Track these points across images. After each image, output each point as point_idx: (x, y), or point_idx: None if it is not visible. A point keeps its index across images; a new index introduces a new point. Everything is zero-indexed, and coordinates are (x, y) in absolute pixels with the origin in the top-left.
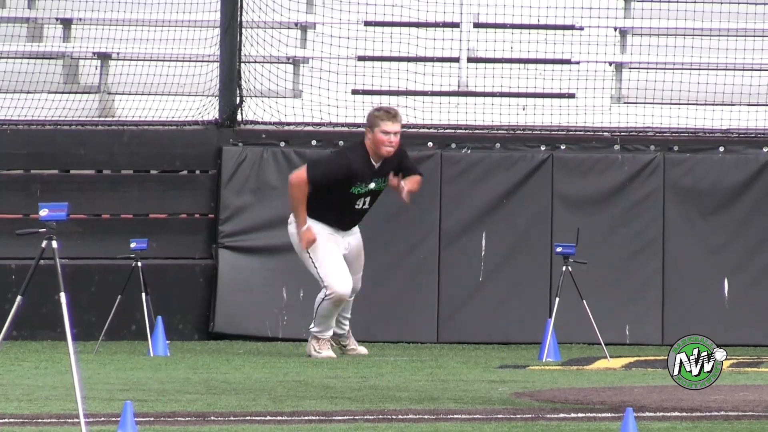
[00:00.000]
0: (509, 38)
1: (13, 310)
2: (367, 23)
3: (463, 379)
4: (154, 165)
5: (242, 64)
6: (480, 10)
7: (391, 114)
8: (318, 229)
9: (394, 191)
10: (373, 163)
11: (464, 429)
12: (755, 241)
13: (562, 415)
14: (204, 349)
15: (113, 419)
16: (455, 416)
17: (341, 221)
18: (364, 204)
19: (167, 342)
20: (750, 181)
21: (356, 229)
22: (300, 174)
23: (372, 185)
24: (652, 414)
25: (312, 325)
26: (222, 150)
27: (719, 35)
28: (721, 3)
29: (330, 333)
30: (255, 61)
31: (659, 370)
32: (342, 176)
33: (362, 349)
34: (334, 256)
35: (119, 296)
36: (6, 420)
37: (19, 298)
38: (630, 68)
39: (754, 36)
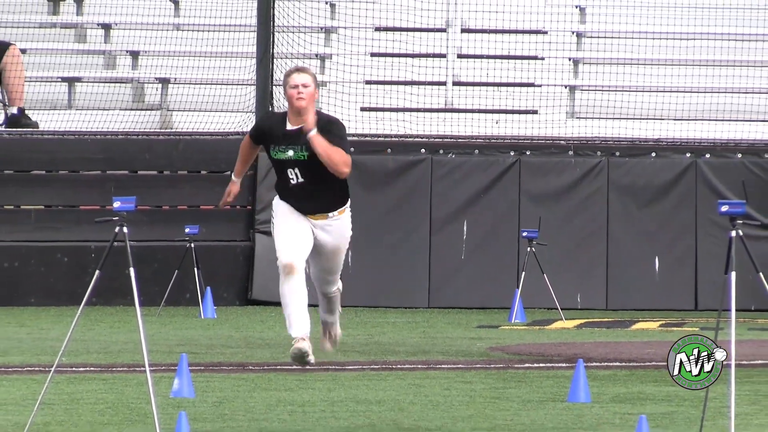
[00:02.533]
0: (486, 66)
1: (93, 282)
2: (373, 54)
3: (449, 336)
4: (204, 167)
5: (273, 87)
6: (462, 44)
7: (297, 68)
8: (281, 202)
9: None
10: (288, 125)
11: (449, 376)
12: (680, 228)
13: (527, 365)
14: (244, 313)
15: (172, 368)
16: (442, 366)
17: (293, 199)
18: (297, 178)
19: (214, 307)
20: (676, 180)
21: (336, 227)
22: None
23: (290, 153)
24: (597, 364)
25: None
26: (258, 155)
27: (652, 64)
28: (654, 38)
29: (294, 331)
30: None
31: (604, 329)
32: (254, 131)
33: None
34: (287, 225)
35: (176, 271)
36: (88, 368)
37: (97, 272)
38: (581, 90)
39: (680, 64)
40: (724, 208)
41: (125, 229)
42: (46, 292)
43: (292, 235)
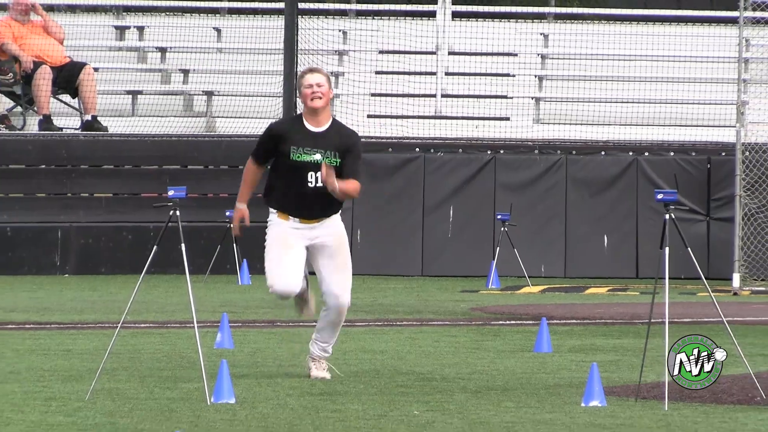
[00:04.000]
0: (468, 81)
1: (151, 255)
2: (377, 72)
3: (438, 299)
4: (241, 163)
5: (296, 99)
6: (449, 64)
7: (310, 68)
8: (277, 222)
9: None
10: (309, 127)
11: (438, 331)
12: (624, 212)
13: (501, 322)
14: None
15: (215, 324)
16: (432, 323)
17: (300, 205)
18: (317, 181)
19: (249, 275)
20: (621, 174)
21: (331, 222)
22: None
23: (317, 156)
24: (557, 321)
25: None
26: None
27: (602, 80)
28: (603, 59)
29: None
30: None
31: (562, 293)
32: (271, 135)
33: (324, 374)
34: (279, 252)
35: (219, 246)
36: (147, 325)
37: (155, 247)
38: (544, 101)
39: (625, 80)
40: (660, 196)
41: (177, 213)
42: (114, 263)
43: (286, 262)
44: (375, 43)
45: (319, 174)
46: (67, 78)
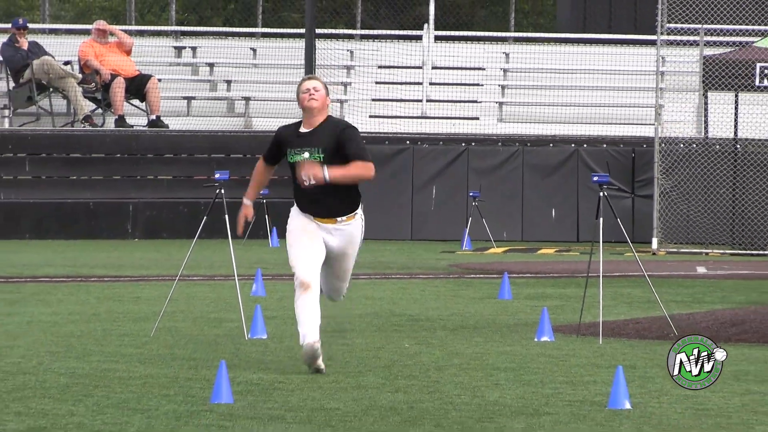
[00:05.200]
0: (447, 89)
1: (201, 224)
2: (377, 82)
3: (423, 257)
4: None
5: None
6: (432, 77)
7: (308, 76)
8: (294, 215)
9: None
10: (302, 128)
11: (424, 282)
12: (568, 191)
13: (472, 276)
14: None
15: (251, 277)
16: (419, 276)
17: (309, 203)
18: (309, 180)
19: (278, 239)
20: (565, 162)
21: (345, 232)
22: None
23: (305, 155)
24: (516, 275)
25: None
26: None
27: (550, 88)
28: (551, 73)
29: (307, 339)
30: None
31: (520, 253)
32: (273, 141)
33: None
34: (300, 242)
35: (254, 216)
36: (198, 278)
37: (205, 218)
38: (506, 105)
39: (567, 88)
40: (595, 178)
41: (222, 191)
42: (173, 230)
43: (308, 251)
44: (375, 60)
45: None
46: (137, 86)
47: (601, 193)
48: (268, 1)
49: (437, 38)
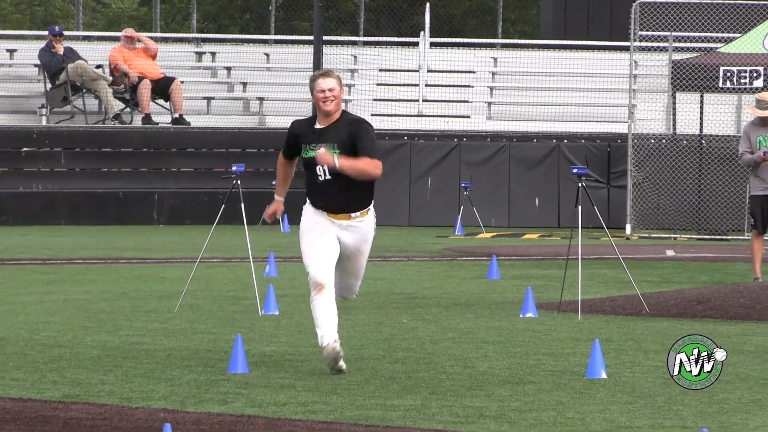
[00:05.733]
0: (441, 90)
1: (220, 211)
2: (378, 84)
3: (419, 242)
4: (279, 146)
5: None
6: (428, 79)
7: (323, 72)
8: (308, 212)
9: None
10: (317, 125)
11: (420, 264)
12: (550, 181)
13: (464, 258)
14: None
15: (264, 259)
16: (416, 258)
17: (321, 199)
18: (324, 174)
19: (289, 226)
20: (547, 155)
21: (359, 229)
22: None
23: (321, 150)
24: (503, 257)
25: None
26: None
27: (535, 89)
28: (534, 76)
29: (326, 340)
30: None
31: (506, 238)
32: (288, 136)
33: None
34: (314, 241)
35: (267, 205)
36: (217, 260)
37: (223, 206)
38: (494, 105)
39: (549, 90)
40: (574, 170)
41: (238, 182)
42: (194, 217)
43: (321, 250)
44: (376, 64)
45: (326, 167)
46: (162, 88)
47: (580, 184)
48: (280, 11)
49: (432, 44)
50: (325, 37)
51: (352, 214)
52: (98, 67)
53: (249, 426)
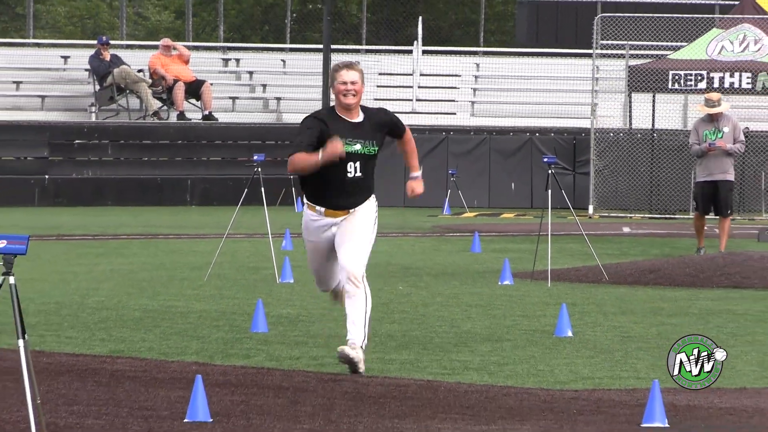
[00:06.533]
0: (431, 92)
1: (243, 194)
2: (378, 86)
3: (414, 220)
4: (293, 138)
5: (330, 101)
6: (420, 82)
7: (347, 64)
8: (305, 224)
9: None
10: (346, 118)
11: (413, 239)
12: (524, 168)
13: (450, 234)
14: None
15: (281, 235)
16: (410, 234)
17: (330, 197)
18: (355, 171)
19: (302, 206)
20: (522, 147)
21: (359, 209)
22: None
23: (358, 147)
24: (485, 233)
25: None
26: None
27: (511, 90)
28: (510, 79)
29: (357, 341)
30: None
31: (487, 217)
32: (313, 124)
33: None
34: (315, 260)
35: (284, 189)
36: (240, 235)
37: (246, 190)
38: (477, 104)
39: (522, 90)
40: (545, 159)
41: (259, 169)
42: (221, 199)
43: (318, 269)
44: (376, 69)
45: (358, 164)
46: (194, 89)
47: (550, 171)
48: (295, 24)
49: (424, 52)
50: (332, 46)
51: (351, 210)
52: (139, 71)
53: (268, 377)
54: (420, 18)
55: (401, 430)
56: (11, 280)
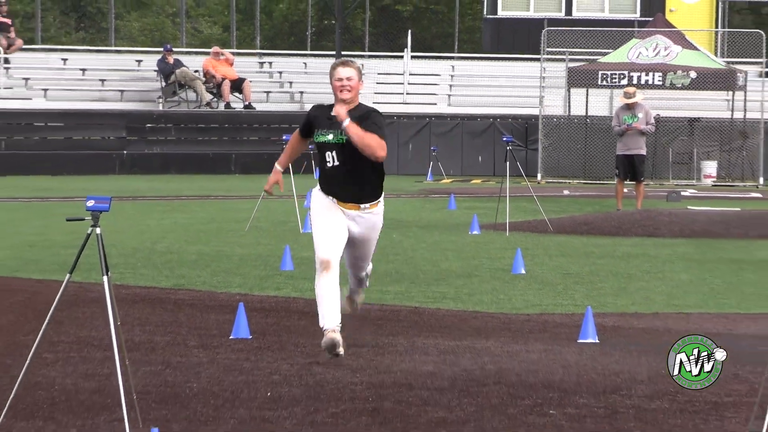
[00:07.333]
0: (418, 89)
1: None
2: (377, 83)
3: (404, 185)
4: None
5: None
6: (410, 80)
7: (342, 61)
8: (317, 196)
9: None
10: (333, 112)
11: (403, 199)
12: (488, 147)
13: (432, 195)
14: None
15: (304, 195)
16: (402, 196)
17: (331, 186)
18: (333, 160)
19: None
20: (486, 129)
21: (367, 220)
22: None
23: (330, 137)
24: (459, 195)
25: None
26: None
27: (479, 86)
28: (481, 77)
29: (327, 323)
30: None
31: (460, 183)
32: (306, 119)
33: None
34: (323, 221)
35: (305, 161)
36: (273, 198)
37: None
38: (452, 96)
39: (489, 86)
40: (504, 138)
41: (285, 145)
42: (258, 169)
43: (328, 230)
44: (376, 69)
45: (333, 153)
46: (237, 85)
47: (508, 148)
48: (314, 35)
49: (412, 57)
50: (342, 52)
51: (361, 205)
52: (195, 71)
53: (294, 304)
54: (409, 31)
55: (395, 344)
56: (98, 230)
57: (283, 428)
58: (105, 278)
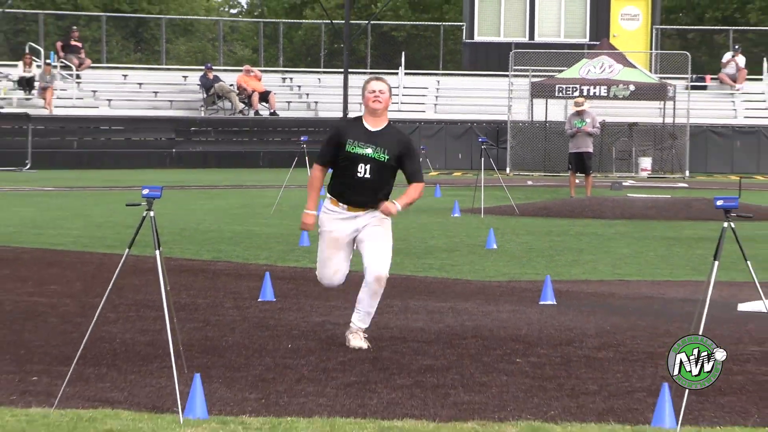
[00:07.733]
0: (410, 97)
1: (294, 162)
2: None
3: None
4: (327, 127)
5: (347, 107)
6: (404, 92)
7: (376, 77)
8: (326, 217)
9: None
10: (367, 125)
11: (397, 188)
12: (467, 146)
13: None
14: None
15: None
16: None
17: (348, 192)
18: (365, 173)
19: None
20: (465, 132)
21: (376, 214)
22: None
23: (369, 150)
24: (444, 184)
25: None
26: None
27: (460, 96)
28: (461, 88)
29: (355, 325)
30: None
31: (444, 175)
32: (333, 133)
33: (361, 343)
34: (325, 250)
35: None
36: (293, 186)
37: (296, 158)
38: (437, 104)
39: (469, 97)
40: (480, 139)
41: (305, 147)
42: (281, 164)
43: (330, 260)
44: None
45: (368, 166)
46: (264, 96)
47: (483, 147)
48: (326, 56)
49: (406, 74)
50: (349, 70)
51: (369, 207)
52: (231, 85)
53: (310, 273)
54: (403, 53)
55: (391, 305)
56: (151, 214)
57: (301, 374)
58: (157, 252)
